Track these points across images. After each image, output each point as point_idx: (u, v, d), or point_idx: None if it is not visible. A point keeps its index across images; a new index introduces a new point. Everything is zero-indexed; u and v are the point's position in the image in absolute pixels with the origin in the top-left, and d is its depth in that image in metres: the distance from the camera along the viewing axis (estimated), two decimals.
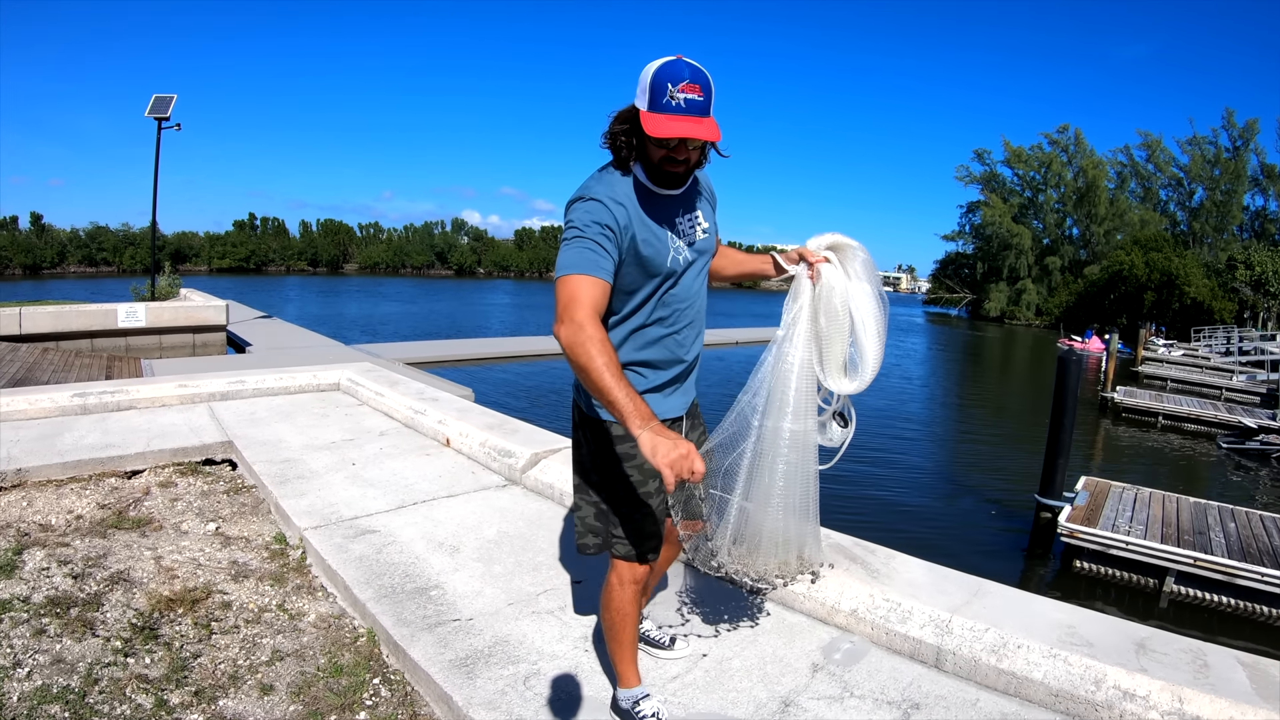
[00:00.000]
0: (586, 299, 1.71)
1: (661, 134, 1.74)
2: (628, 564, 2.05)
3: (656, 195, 1.91)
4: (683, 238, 1.96)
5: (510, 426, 4.95)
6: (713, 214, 2.13)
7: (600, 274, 1.76)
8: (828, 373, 2.12)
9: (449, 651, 2.46)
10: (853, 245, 2.12)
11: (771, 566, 2.23)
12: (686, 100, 1.73)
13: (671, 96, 1.72)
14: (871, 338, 2.09)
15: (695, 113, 1.74)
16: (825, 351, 2.11)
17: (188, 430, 4.91)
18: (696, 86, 1.73)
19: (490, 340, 22.81)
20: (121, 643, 2.51)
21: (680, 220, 1.97)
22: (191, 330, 18.23)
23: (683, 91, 1.72)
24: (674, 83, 1.72)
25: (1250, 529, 7.98)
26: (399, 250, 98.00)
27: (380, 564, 3.11)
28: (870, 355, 2.09)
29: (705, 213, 2.07)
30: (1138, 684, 2.22)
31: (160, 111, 19.42)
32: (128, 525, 3.52)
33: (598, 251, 1.76)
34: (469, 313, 40.74)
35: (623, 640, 2.13)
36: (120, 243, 78.02)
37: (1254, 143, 54.28)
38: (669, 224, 1.93)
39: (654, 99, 1.75)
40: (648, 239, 1.87)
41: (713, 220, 2.11)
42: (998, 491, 11.40)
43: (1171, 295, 46.81)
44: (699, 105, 1.74)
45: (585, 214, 1.80)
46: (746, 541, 2.20)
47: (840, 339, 2.10)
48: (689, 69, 1.74)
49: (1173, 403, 19.03)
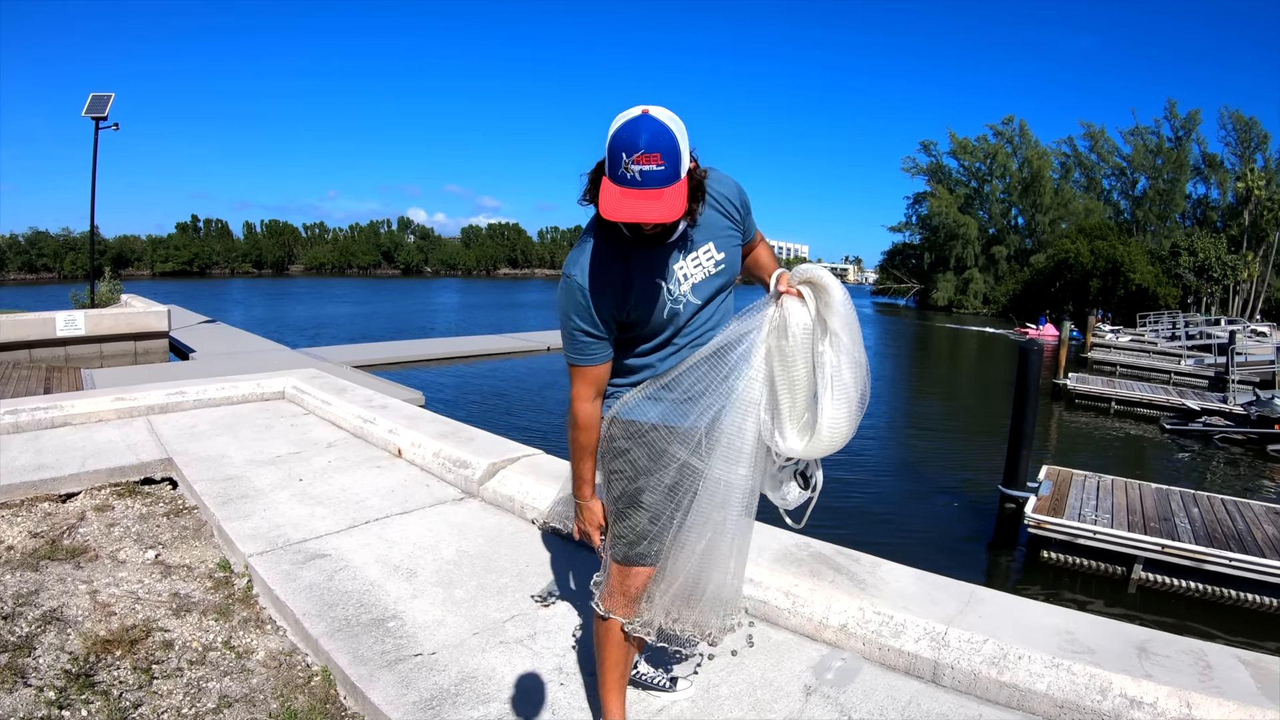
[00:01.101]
0: (588, 387, 1.85)
1: (611, 217, 1.58)
2: (620, 570, 1.96)
3: (644, 249, 1.77)
4: (685, 282, 1.81)
5: (465, 434, 4.73)
6: (735, 229, 1.91)
7: (590, 362, 1.82)
8: (780, 429, 1.85)
9: (412, 692, 2.24)
10: (829, 288, 1.79)
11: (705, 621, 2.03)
12: (643, 173, 1.53)
13: (626, 169, 1.54)
14: (838, 399, 1.80)
15: (653, 184, 1.54)
16: (777, 403, 1.85)
17: (125, 448, 4.60)
18: (655, 156, 1.53)
19: (439, 340, 22.54)
20: (56, 693, 2.27)
21: (680, 264, 1.81)
22: (133, 337, 17.67)
23: (637, 163, 1.53)
24: (629, 153, 1.53)
25: (1214, 513, 8.08)
26: (345, 250, 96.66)
27: (332, 592, 2.88)
28: (830, 420, 1.80)
29: (720, 241, 1.86)
30: (1144, 691, 2.14)
31: (98, 111, 18.75)
32: (61, 555, 3.24)
33: (581, 341, 1.79)
34: (417, 313, 40.18)
35: (609, 660, 2.00)
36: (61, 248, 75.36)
37: (1196, 133, 55.80)
38: (664, 274, 1.79)
39: (611, 167, 1.57)
40: (635, 300, 1.78)
41: (733, 240, 1.91)
42: (958, 483, 11.44)
43: (1116, 282, 48.03)
44: (658, 177, 1.54)
45: (568, 305, 1.78)
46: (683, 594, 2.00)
47: (795, 390, 1.82)
48: (647, 134, 1.53)
49: (1125, 388, 19.45)
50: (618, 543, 1.97)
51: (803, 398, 1.83)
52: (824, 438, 1.81)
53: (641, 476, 1.91)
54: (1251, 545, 7.28)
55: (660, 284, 1.78)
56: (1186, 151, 55.60)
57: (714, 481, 1.87)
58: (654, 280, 1.78)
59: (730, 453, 1.86)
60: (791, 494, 1.99)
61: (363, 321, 33.58)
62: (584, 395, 1.85)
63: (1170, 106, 56.67)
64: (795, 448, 1.85)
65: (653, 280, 1.78)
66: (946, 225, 60.96)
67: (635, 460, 1.91)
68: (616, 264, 1.75)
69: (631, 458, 1.91)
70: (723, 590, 1.99)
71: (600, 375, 1.85)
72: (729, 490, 1.87)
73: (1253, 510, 8.26)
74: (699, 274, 1.83)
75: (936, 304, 61.59)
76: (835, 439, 1.82)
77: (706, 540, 1.91)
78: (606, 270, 1.74)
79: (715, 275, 1.86)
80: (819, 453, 1.85)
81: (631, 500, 1.93)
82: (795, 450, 1.85)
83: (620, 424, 1.92)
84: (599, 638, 2.02)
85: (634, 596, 1.96)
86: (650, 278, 1.78)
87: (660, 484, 1.90)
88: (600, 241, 1.76)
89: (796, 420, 1.85)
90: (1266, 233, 48.45)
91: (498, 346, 20.54)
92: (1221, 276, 46.29)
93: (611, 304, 1.76)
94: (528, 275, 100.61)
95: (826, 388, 1.80)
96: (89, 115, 18.74)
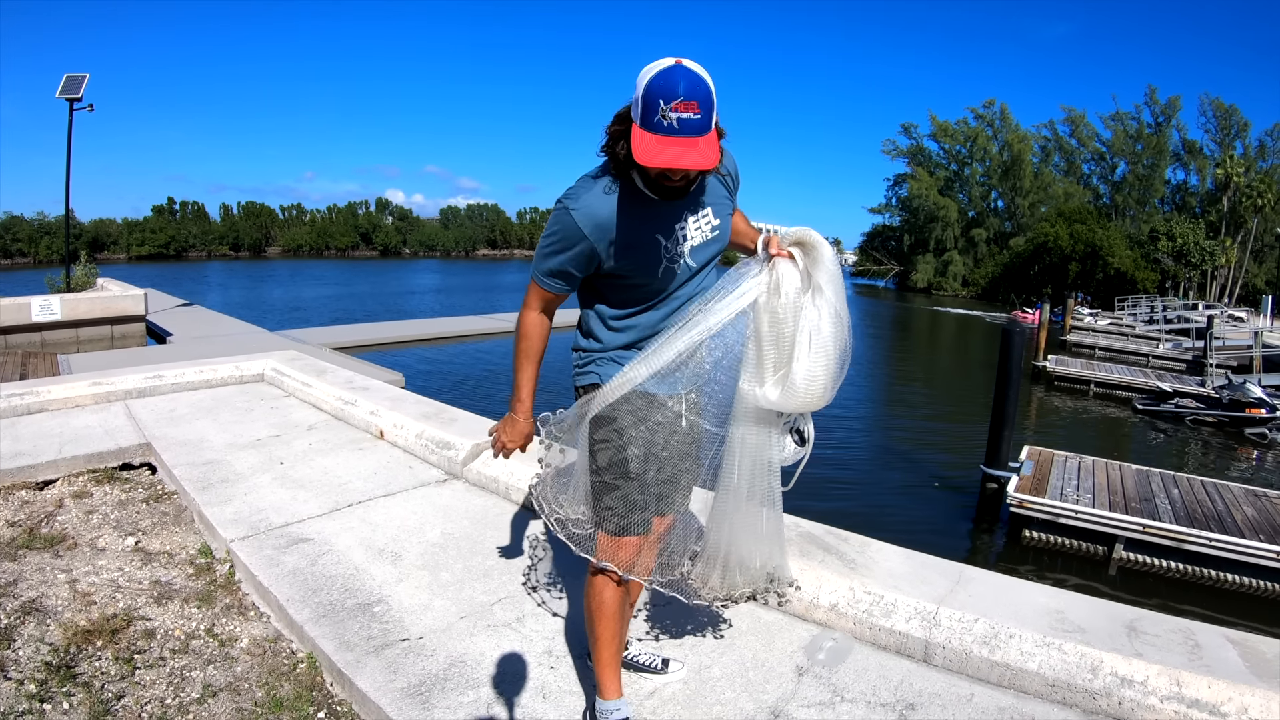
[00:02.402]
0: (534, 302, 1.90)
1: (648, 163, 1.59)
2: (610, 541, 1.94)
3: (653, 202, 1.77)
4: (684, 242, 1.83)
5: (448, 415, 4.68)
6: (730, 199, 1.98)
7: (554, 288, 1.86)
8: (759, 378, 1.89)
9: (400, 678, 2.21)
10: (818, 247, 1.86)
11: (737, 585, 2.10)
12: (680, 120, 1.55)
13: (663, 116, 1.55)
14: (817, 351, 1.82)
15: (690, 133, 1.57)
16: (761, 355, 1.88)
17: (103, 433, 4.51)
18: (694, 104, 1.55)
19: (418, 322, 22.40)
20: (36, 685, 2.21)
21: (682, 225, 1.83)
22: (109, 321, 17.42)
23: (676, 110, 1.55)
24: (666, 100, 1.54)
25: (1193, 494, 8.18)
26: (323, 232, 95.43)
27: (316, 577, 2.83)
28: (806, 369, 1.82)
29: (717, 208, 1.90)
30: (1135, 669, 2.15)
31: (72, 92, 18.35)
32: (40, 544, 3.17)
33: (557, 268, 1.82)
34: (395, 294, 39.86)
35: (602, 635, 1.96)
36: (35, 232, 73.90)
37: (1176, 119, 56.16)
38: (665, 231, 1.81)
39: (645, 115, 1.58)
40: (633, 246, 1.78)
41: (727, 208, 1.96)
42: (938, 464, 11.52)
43: (1095, 266, 48.38)
44: (694, 125, 1.57)
45: (557, 228, 1.78)
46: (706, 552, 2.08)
47: (779, 345, 1.86)
48: (685, 82, 1.55)
49: (1103, 370, 19.64)
50: (608, 515, 1.94)
51: (786, 351, 1.85)
52: (799, 389, 1.82)
53: (630, 445, 1.89)
54: (1231, 526, 7.39)
55: (659, 240, 1.79)
56: (1166, 137, 55.98)
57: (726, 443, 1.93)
58: (654, 236, 1.79)
59: (728, 412, 1.92)
60: (787, 449, 2.00)
61: (341, 303, 33.27)
62: (533, 305, 1.91)
63: (1150, 92, 57.05)
64: (770, 398, 1.86)
65: (653, 235, 1.79)
66: (926, 207, 61.07)
67: (623, 428, 1.89)
68: (621, 212, 1.75)
69: (619, 425, 1.89)
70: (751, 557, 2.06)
71: (553, 301, 1.90)
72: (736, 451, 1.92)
73: (1232, 492, 8.37)
74: (698, 237, 1.85)
75: (916, 286, 61.82)
76: (813, 392, 1.83)
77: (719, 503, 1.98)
78: (610, 214, 1.74)
79: (711, 241, 1.89)
80: (795, 405, 1.86)
81: (620, 470, 1.91)
82: (771, 401, 1.87)
83: (607, 390, 1.90)
84: (591, 614, 1.98)
85: (626, 567, 1.94)
86: (651, 232, 1.79)
87: (650, 453, 1.90)
88: (609, 186, 1.75)
89: (775, 372, 1.87)
90: (1245, 219, 48.96)
91: (477, 327, 20.44)
92: (1200, 262, 46.76)
93: (603, 246, 1.76)
94: (507, 256, 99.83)
95: (805, 341, 1.82)
96: (63, 97, 18.34)
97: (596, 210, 1.74)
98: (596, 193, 1.75)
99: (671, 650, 2.39)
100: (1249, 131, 53.18)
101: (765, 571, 2.12)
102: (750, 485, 1.96)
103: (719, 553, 2.06)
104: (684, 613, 2.60)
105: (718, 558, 2.06)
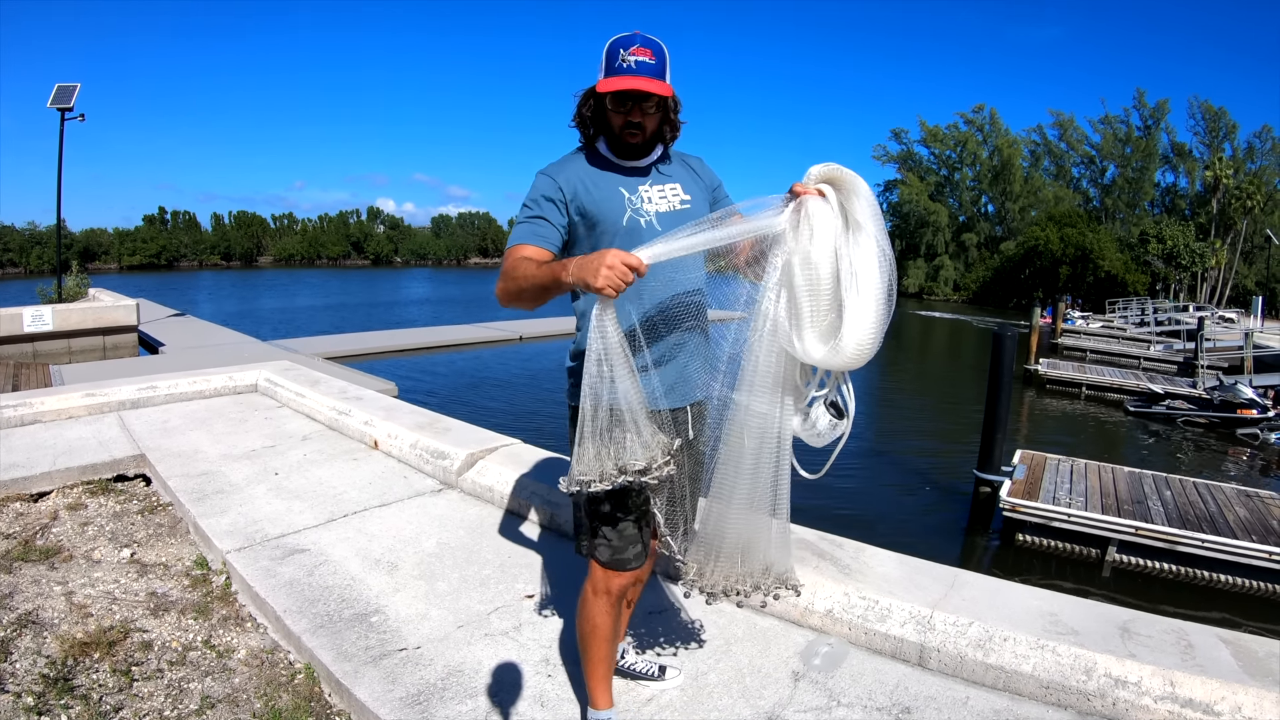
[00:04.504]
0: (512, 255, 1.83)
1: (611, 88, 1.79)
2: (604, 571, 1.91)
3: (619, 165, 1.93)
4: (649, 203, 1.91)
5: (442, 425, 4.68)
6: (706, 194, 2.05)
7: (539, 241, 1.83)
8: (799, 333, 1.66)
9: (398, 688, 2.21)
10: (854, 181, 1.65)
11: (732, 577, 1.89)
12: (638, 62, 1.78)
13: (623, 60, 1.78)
14: (864, 297, 1.60)
15: (646, 73, 1.79)
16: (798, 307, 1.65)
17: (97, 444, 4.51)
18: (648, 50, 1.79)
19: (411, 331, 22.29)
20: (34, 698, 2.21)
21: (647, 189, 1.93)
22: (102, 332, 17.29)
23: (634, 54, 1.78)
24: (625, 47, 1.79)
25: (1185, 496, 8.22)
26: (314, 241, 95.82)
27: (313, 588, 2.84)
28: (854, 320, 1.60)
29: (687, 184, 2.01)
30: (1128, 670, 2.16)
31: (63, 102, 18.27)
32: (35, 557, 3.16)
33: (538, 222, 1.85)
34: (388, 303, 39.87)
35: (594, 656, 1.96)
36: (26, 242, 73.99)
37: (1165, 122, 56.67)
38: (629, 187, 1.91)
39: (608, 65, 1.81)
40: (597, 197, 1.87)
41: (701, 193, 2.03)
42: (930, 468, 11.54)
43: (1086, 269, 48.69)
44: (650, 67, 1.79)
45: (533, 189, 1.89)
46: (706, 545, 1.89)
47: (819, 293, 1.64)
48: (641, 36, 1.81)
49: (1095, 373, 19.72)
50: (601, 546, 1.89)
51: (825, 300, 1.65)
52: (850, 343, 1.61)
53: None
54: (1224, 527, 7.43)
55: (622, 192, 1.89)
56: (1155, 140, 56.44)
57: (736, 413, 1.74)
58: (617, 189, 1.89)
59: (747, 381, 1.72)
60: (822, 423, 1.77)
61: (333, 313, 33.26)
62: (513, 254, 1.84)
63: (1139, 96, 57.54)
64: (816, 354, 1.65)
65: (616, 189, 1.89)
66: (917, 213, 61.34)
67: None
68: (587, 169, 1.91)
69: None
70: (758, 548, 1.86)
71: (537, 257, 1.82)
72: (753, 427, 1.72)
73: (1224, 493, 8.41)
74: (664, 205, 1.92)
75: (907, 291, 61.93)
76: (864, 344, 1.61)
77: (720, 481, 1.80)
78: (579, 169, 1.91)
79: (681, 211, 1.92)
80: (845, 362, 1.64)
81: (617, 502, 1.84)
82: (816, 357, 1.65)
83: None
84: (583, 635, 1.98)
85: (617, 596, 1.92)
86: (615, 185, 1.90)
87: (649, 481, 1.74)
88: (576, 155, 1.94)
89: (819, 324, 1.65)
90: (1234, 220, 49.33)
91: (470, 336, 20.36)
92: (1190, 264, 47.06)
93: (570, 189, 1.86)
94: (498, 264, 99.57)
95: (852, 285, 1.60)
96: (54, 106, 18.26)
97: (566, 167, 1.91)
98: (567, 158, 1.95)
99: (668, 658, 2.40)
100: (1237, 133, 53.74)
101: (766, 565, 1.90)
102: (756, 463, 1.75)
103: (719, 539, 1.86)
104: (680, 619, 2.62)
105: (716, 545, 1.87)
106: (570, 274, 1.61)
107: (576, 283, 1.61)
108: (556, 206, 1.86)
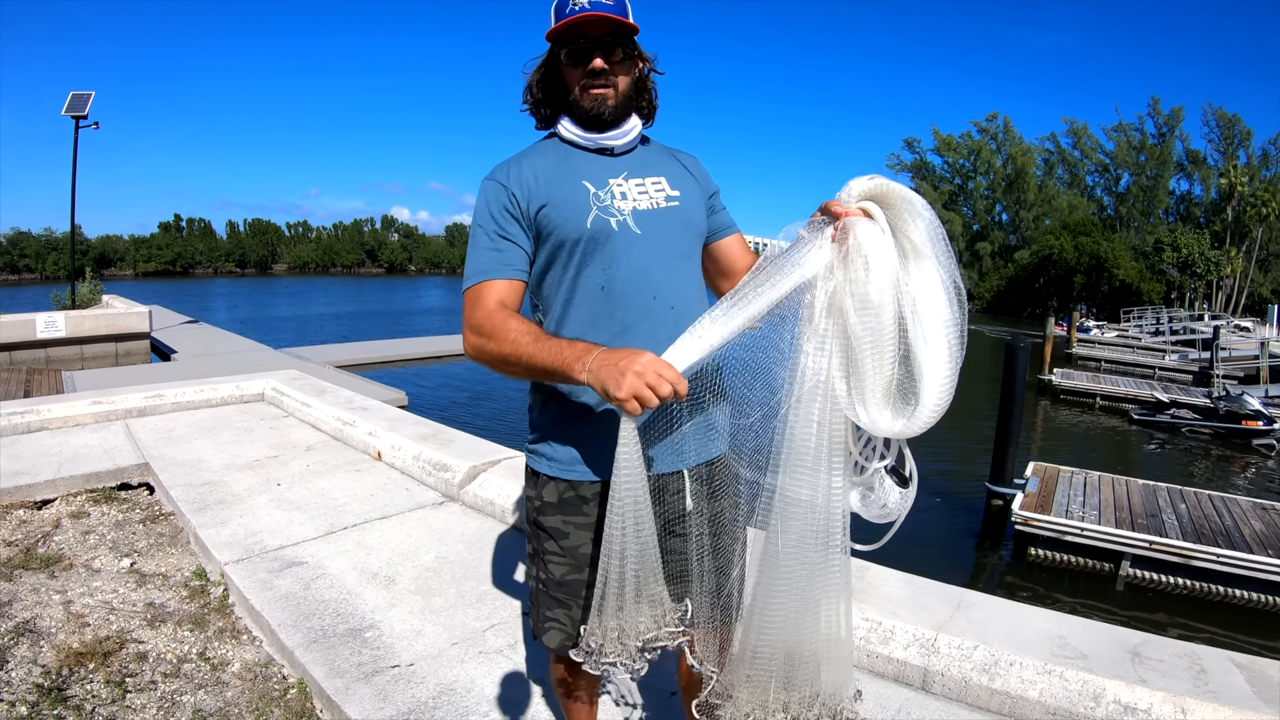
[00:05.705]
0: (485, 300, 1.46)
1: (563, 21, 1.45)
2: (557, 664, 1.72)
3: (584, 149, 1.57)
4: (621, 199, 1.52)
5: (445, 436, 4.66)
6: (701, 197, 1.65)
7: (508, 272, 1.49)
8: (861, 398, 1.28)
9: (389, 706, 2.18)
10: (908, 199, 1.27)
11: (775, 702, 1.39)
12: (592, 2, 1.45)
13: (574, 3, 1.45)
14: (935, 346, 1.25)
15: (601, 9, 1.45)
16: (859, 365, 1.27)
17: (102, 452, 4.51)
18: None
19: (423, 340, 22.11)
20: (28, 708, 2.20)
21: (620, 182, 1.54)
22: (114, 339, 17.46)
23: None
24: None
25: (1201, 509, 8.10)
26: (328, 249, 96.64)
27: (309, 602, 2.81)
28: (931, 375, 1.25)
29: (676, 180, 1.62)
30: (1138, 697, 2.10)
31: (78, 109, 18.51)
32: (36, 565, 3.16)
33: (495, 245, 1.49)
34: (401, 311, 40.00)
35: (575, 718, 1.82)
36: (43, 248, 75.03)
37: (1179, 129, 56.46)
38: (597, 181, 1.52)
39: (558, 12, 1.48)
40: (553, 195, 1.50)
41: (692, 189, 1.63)
42: (942, 480, 11.43)
43: (1100, 278, 48.39)
44: (604, 5, 1.46)
45: (480, 205, 1.53)
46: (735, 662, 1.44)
47: (879, 347, 1.26)
48: None
49: (1109, 383, 19.54)
50: (552, 629, 1.59)
51: (890, 355, 1.27)
52: (929, 405, 1.26)
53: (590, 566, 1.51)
54: (1239, 541, 7.31)
55: (586, 186, 1.51)
56: (1170, 148, 56.15)
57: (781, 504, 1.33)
58: (578, 182, 1.52)
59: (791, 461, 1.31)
60: (891, 498, 1.41)
61: (346, 320, 33.42)
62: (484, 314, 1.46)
63: (1154, 103, 57.31)
64: (889, 425, 1.28)
65: (576, 182, 1.52)
66: None
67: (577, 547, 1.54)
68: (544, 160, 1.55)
69: (573, 542, 1.54)
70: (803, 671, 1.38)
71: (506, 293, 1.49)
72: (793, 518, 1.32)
73: (1240, 506, 8.29)
74: (644, 201, 1.54)
75: None
76: (943, 404, 1.27)
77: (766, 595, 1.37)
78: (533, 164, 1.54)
79: (668, 210, 1.56)
80: (920, 428, 1.28)
81: (573, 590, 1.56)
82: (891, 428, 1.29)
83: (553, 486, 1.55)
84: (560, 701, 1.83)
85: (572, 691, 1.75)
86: (578, 179, 1.52)
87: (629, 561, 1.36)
88: (530, 148, 1.60)
89: (885, 383, 1.29)
90: (1249, 228, 48.95)
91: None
92: (1205, 272, 46.72)
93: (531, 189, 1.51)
94: None
95: (920, 332, 1.26)
96: (69, 114, 18.49)
97: (516, 164, 1.55)
98: (521, 152, 1.60)
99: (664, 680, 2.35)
100: (1252, 140, 53.36)
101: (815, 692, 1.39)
102: (798, 561, 1.33)
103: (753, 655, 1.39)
104: None
105: (748, 660, 1.40)
106: (587, 370, 1.26)
107: (593, 384, 1.26)
108: (516, 221, 1.50)
